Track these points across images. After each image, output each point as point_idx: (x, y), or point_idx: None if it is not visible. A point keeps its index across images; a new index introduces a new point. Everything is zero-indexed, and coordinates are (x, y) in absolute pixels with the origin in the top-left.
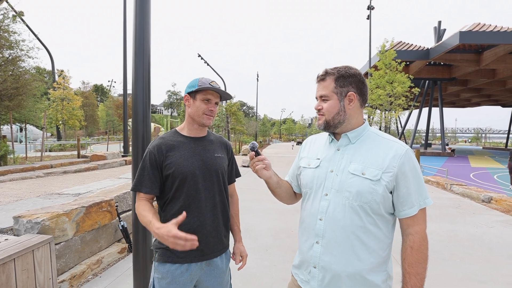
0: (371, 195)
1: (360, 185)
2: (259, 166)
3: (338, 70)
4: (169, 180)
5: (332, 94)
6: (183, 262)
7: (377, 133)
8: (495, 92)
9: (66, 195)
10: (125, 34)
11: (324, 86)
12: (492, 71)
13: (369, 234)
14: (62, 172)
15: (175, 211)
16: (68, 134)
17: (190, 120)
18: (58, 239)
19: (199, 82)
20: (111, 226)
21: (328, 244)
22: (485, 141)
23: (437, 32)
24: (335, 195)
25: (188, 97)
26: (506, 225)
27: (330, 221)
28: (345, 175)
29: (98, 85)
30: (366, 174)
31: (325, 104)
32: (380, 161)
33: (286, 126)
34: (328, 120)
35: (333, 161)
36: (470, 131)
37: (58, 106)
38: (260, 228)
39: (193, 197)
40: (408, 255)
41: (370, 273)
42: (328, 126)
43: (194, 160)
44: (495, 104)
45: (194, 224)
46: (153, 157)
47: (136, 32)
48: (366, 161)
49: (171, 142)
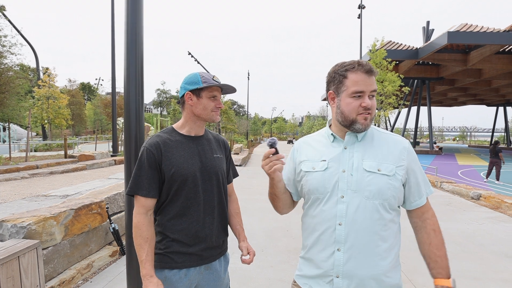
0: (390, 191)
1: (379, 182)
2: (278, 166)
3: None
4: (167, 182)
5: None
6: (181, 267)
7: (377, 129)
8: (481, 92)
9: (53, 197)
10: (113, 31)
11: (374, 81)
12: (478, 71)
13: (389, 231)
14: (48, 173)
15: (173, 214)
16: (54, 134)
17: (193, 118)
18: (45, 244)
19: (203, 79)
20: (101, 229)
21: (351, 250)
22: (471, 139)
23: (426, 32)
24: (353, 196)
25: (190, 95)
26: (495, 221)
27: (351, 224)
28: (361, 174)
29: (85, 83)
30: (382, 170)
31: (372, 101)
32: (391, 156)
33: (277, 125)
34: (370, 119)
35: (342, 161)
36: (456, 130)
37: (44, 105)
38: (255, 228)
39: (192, 200)
40: (433, 239)
41: (392, 271)
42: (361, 126)
43: (194, 162)
44: (481, 103)
45: (193, 228)
46: (152, 156)
47: (128, 27)
48: (378, 157)
49: (169, 141)
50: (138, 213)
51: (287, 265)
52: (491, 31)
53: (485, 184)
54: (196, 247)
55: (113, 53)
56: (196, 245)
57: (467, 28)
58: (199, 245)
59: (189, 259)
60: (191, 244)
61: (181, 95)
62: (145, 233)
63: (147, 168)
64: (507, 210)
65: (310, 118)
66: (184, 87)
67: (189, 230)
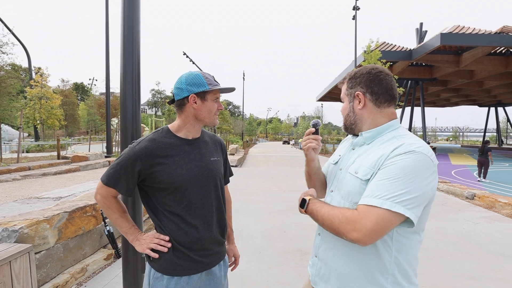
0: (360, 195)
1: (352, 184)
2: (312, 144)
3: (352, 72)
4: (159, 189)
5: (344, 97)
6: (183, 274)
7: (396, 134)
8: (473, 93)
9: (46, 199)
10: (107, 30)
11: (342, 90)
12: (470, 72)
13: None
14: (41, 174)
15: (171, 221)
16: (47, 134)
17: (193, 122)
18: (38, 248)
19: (207, 81)
20: (96, 232)
21: (326, 237)
22: (463, 139)
23: (419, 33)
24: (336, 192)
25: (195, 98)
26: (490, 221)
27: None
28: (344, 174)
29: (79, 84)
30: (358, 173)
31: (341, 107)
32: (374, 160)
33: (272, 126)
34: (344, 122)
35: (345, 160)
36: (449, 130)
37: (36, 105)
38: (252, 229)
39: (190, 206)
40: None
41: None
42: (346, 128)
43: (189, 167)
44: (473, 104)
45: (193, 235)
46: (137, 162)
47: (125, 24)
48: (365, 160)
49: (163, 145)
50: (106, 197)
51: (285, 266)
52: (483, 32)
53: (479, 184)
54: (196, 253)
55: (108, 52)
56: (196, 251)
57: (460, 29)
58: (199, 251)
59: (190, 266)
60: (191, 250)
61: (181, 97)
62: (118, 208)
63: (129, 169)
64: (501, 209)
65: (305, 119)
66: (186, 88)
67: (188, 236)
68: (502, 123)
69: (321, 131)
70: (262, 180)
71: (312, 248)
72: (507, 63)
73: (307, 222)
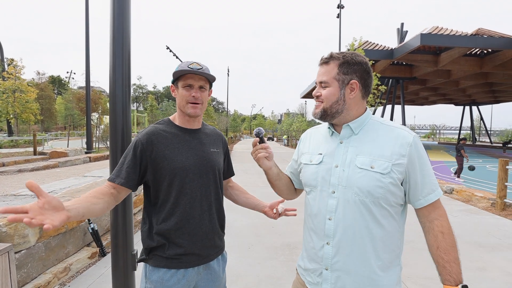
0: (382, 189)
1: (370, 179)
2: (262, 154)
3: (344, 55)
4: (158, 176)
5: (333, 81)
6: (179, 267)
7: (380, 121)
8: (449, 92)
9: (24, 196)
10: (87, 20)
11: (326, 71)
12: (447, 72)
13: (381, 229)
14: (16, 171)
15: (169, 211)
16: (21, 129)
17: (179, 112)
18: (18, 247)
19: (178, 67)
20: (79, 230)
21: (339, 245)
22: (440, 137)
23: (400, 33)
24: (344, 192)
25: (173, 88)
26: (467, 213)
27: (340, 220)
28: (352, 170)
29: (55, 77)
30: (375, 167)
31: (324, 91)
32: (388, 152)
33: (257, 122)
34: (326, 108)
35: (337, 156)
36: (427, 128)
37: (9, 98)
38: (240, 224)
39: (188, 195)
40: (441, 242)
41: (384, 270)
42: (325, 115)
43: (188, 155)
44: (449, 102)
45: (190, 225)
46: (139, 147)
47: (114, 13)
48: (373, 153)
49: (164, 133)
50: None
51: (275, 261)
52: (460, 34)
53: (456, 180)
54: (193, 246)
55: (88, 44)
56: (194, 243)
57: (438, 30)
58: (197, 244)
59: (187, 259)
60: (188, 242)
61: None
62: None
63: (131, 158)
64: (477, 203)
65: (289, 116)
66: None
67: (186, 228)
68: (476, 121)
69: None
70: (248, 176)
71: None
72: (481, 64)
73: (295, 217)
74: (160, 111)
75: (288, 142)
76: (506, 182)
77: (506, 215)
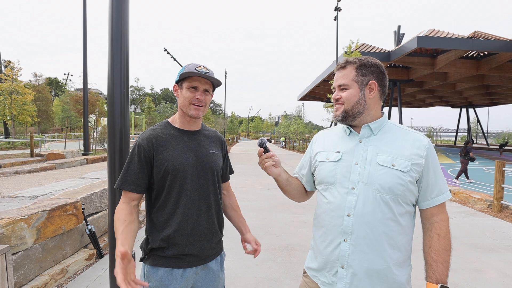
0: (402, 187)
1: (391, 176)
2: (269, 163)
3: (359, 59)
4: (160, 178)
5: (352, 83)
6: (177, 267)
7: (396, 124)
8: (446, 94)
9: (21, 198)
10: (85, 23)
11: (344, 75)
12: (444, 74)
13: (399, 227)
14: (13, 173)
15: (168, 212)
16: (18, 131)
17: (181, 113)
18: (15, 248)
19: (185, 69)
20: (77, 231)
21: (357, 241)
22: (437, 139)
23: (397, 36)
24: (364, 188)
25: (177, 87)
26: (464, 215)
27: (359, 216)
28: (374, 167)
29: (52, 79)
30: (396, 165)
31: (344, 93)
32: (407, 152)
33: (254, 124)
34: (347, 109)
35: (356, 154)
36: (424, 130)
37: (6, 100)
38: None
39: (187, 196)
40: (435, 243)
41: (398, 268)
42: (347, 117)
43: (188, 156)
44: (446, 105)
45: (188, 226)
46: (142, 150)
47: (113, 14)
48: (394, 152)
49: (163, 135)
50: (121, 202)
51: (272, 263)
52: (456, 37)
53: (454, 181)
54: (192, 247)
55: (85, 46)
56: (192, 244)
57: (435, 33)
58: (196, 244)
59: (185, 259)
60: (187, 243)
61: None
62: (123, 217)
63: (136, 162)
64: (474, 205)
65: (287, 118)
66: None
67: (185, 229)
68: (473, 123)
69: (301, 130)
70: (245, 178)
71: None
72: (477, 66)
73: (292, 219)
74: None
75: (285, 144)
76: (503, 184)
77: (503, 217)
